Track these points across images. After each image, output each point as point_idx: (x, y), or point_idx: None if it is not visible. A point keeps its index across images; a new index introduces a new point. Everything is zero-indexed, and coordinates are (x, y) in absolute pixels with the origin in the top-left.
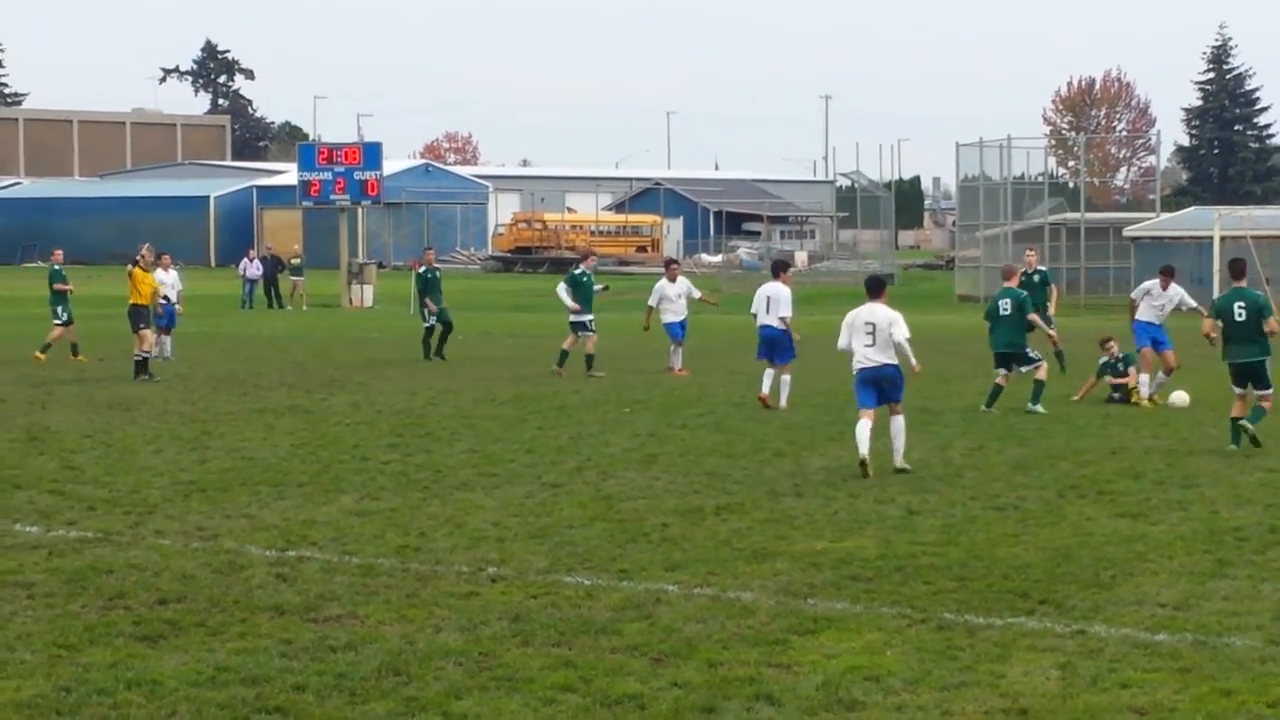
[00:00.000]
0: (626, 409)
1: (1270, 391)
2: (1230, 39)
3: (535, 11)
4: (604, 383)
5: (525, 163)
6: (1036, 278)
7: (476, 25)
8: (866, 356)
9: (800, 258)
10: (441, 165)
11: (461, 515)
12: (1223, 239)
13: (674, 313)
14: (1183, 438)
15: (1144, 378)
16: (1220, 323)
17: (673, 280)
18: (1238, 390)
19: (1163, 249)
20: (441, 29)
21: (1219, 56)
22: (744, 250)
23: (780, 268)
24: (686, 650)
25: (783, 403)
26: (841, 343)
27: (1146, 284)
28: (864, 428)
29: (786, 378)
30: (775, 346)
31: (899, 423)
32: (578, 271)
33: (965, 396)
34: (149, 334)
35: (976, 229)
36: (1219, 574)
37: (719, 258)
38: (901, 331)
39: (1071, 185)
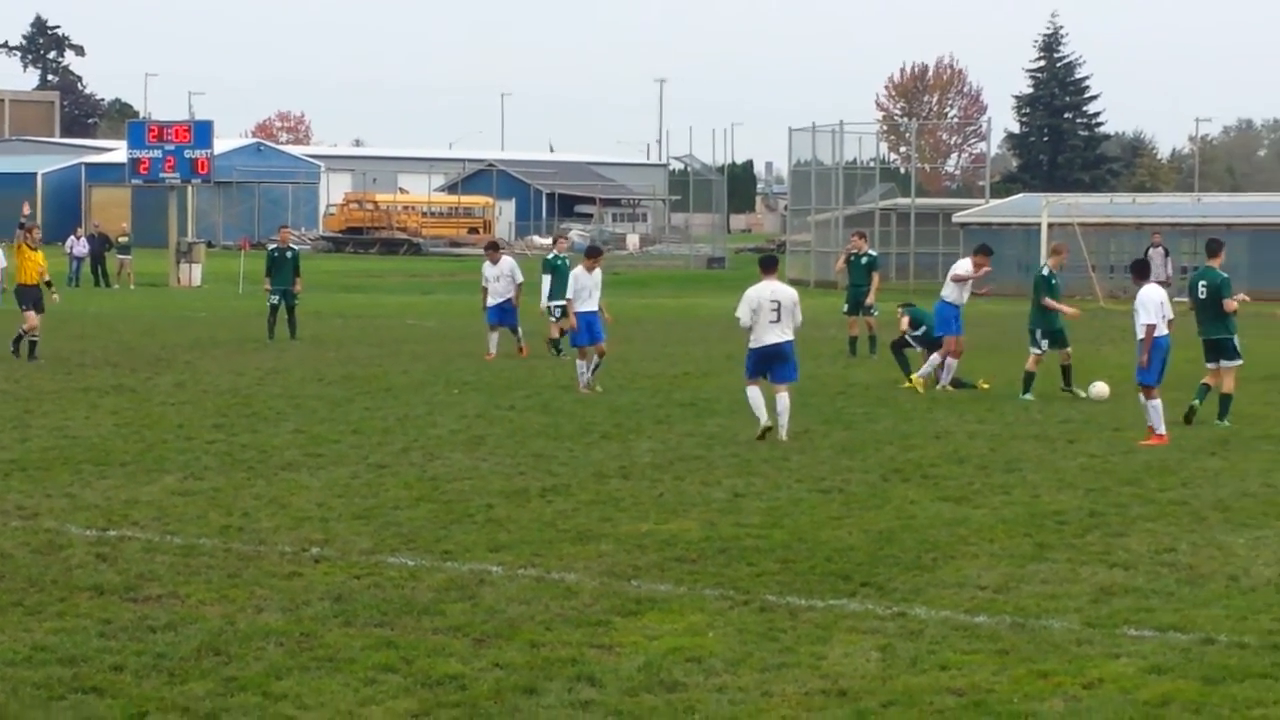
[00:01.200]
0: (454, 390)
1: (1238, 362)
2: (1061, 27)
3: None
4: (429, 364)
5: (358, 143)
6: (864, 260)
7: (311, 4)
8: (770, 334)
9: (632, 240)
10: (273, 144)
11: (286, 495)
12: (1050, 226)
13: (495, 294)
14: (1007, 423)
15: (950, 361)
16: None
17: (494, 263)
18: (1209, 365)
19: (992, 235)
20: (275, 6)
21: (1050, 45)
22: (576, 232)
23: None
24: (509, 631)
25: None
26: (744, 319)
27: (963, 262)
28: (756, 394)
29: (786, 397)
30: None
31: (784, 399)
32: (552, 256)
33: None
34: (33, 315)
35: (808, 213)
36: (1039, 557)
37: (550, 240)
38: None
39: (903, 171)
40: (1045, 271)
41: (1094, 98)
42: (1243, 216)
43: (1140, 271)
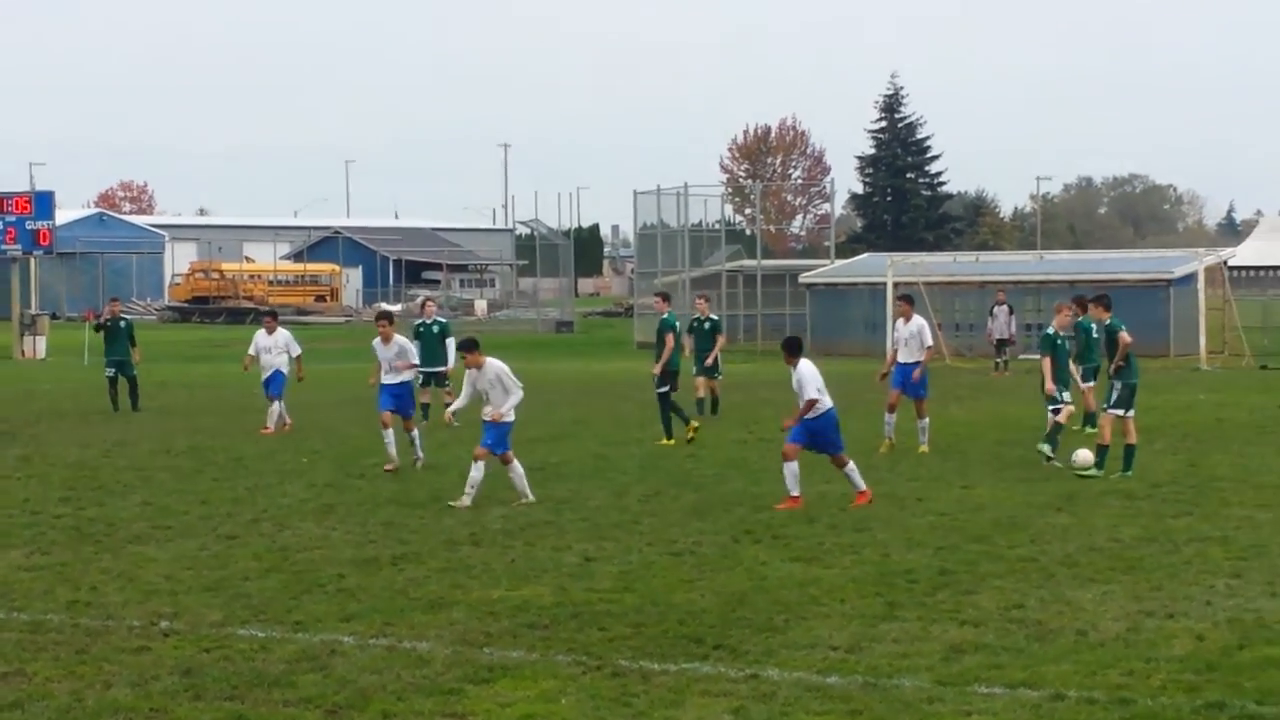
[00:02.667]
0: (304, 459)
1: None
2: (902, 88)
3: (210, 60)
4: (291, 433)
5: (202, 211)
6: (707, 325)
7: (151, 73)
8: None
9: (480, 306)
10: (116, 214)
11: (134, 569)
12: (895, 285)
13: (266, 366)
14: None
15: (889, 419)
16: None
17: (270, 332)
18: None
19: (838, 294)
20: (116, 74)
21: (891, 105)
22: (424, 298)
23: (795, 346)
24: (361, 702)
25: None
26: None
27: (897, 323)
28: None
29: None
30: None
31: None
32: (417, 323)
33: (643, 444)
34: None
35: (655, 276)
36: (889, 616)
37: (399, 306)
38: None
39: (748, 233)
40: (1050, 331)
41: (936, 157)
42: (1085, 273)
43: (792, 349)
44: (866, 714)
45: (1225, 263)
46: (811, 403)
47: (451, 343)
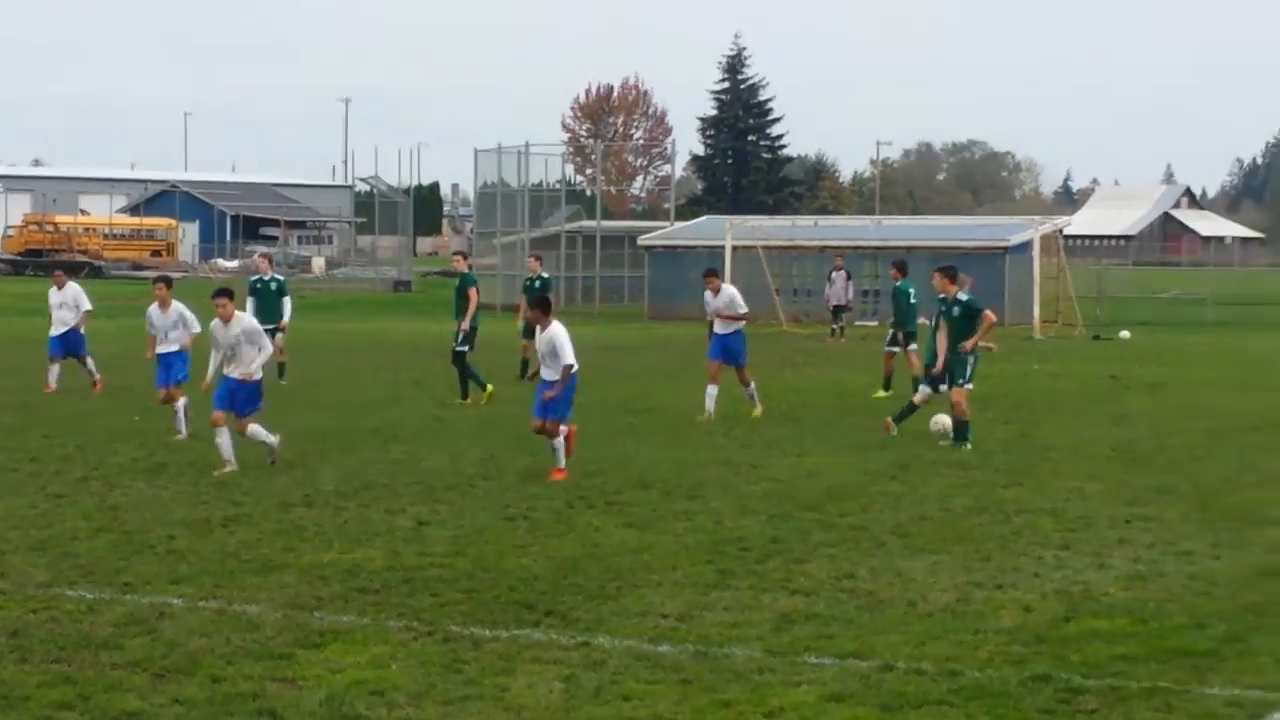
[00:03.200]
0: (136, 417)
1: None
2: (745, 49)
3: (49, 8)
4: (110, 390)
5: (37, 162)
6: (538, 284)
7: None
8: None
9: (317, 264)
10: None
11: None
12: (734, 248)
13: (59, 323)
14: (691, 448)
15: (711, 389)
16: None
17: (60, 288)
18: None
19: (676, 257)
20: None
21: (734, 66)
22: (259, 254)
23: (546, 305)
24: (189, 665)
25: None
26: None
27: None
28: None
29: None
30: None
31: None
32: (255, 279)
33: (479, 405)
34: None
35: (494, 236)
36: (721, 584)
37: (235, 263)
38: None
39: (589, 193)
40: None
41: (777, 120)
42: (922, 239)
43: (545, 308)
44: (697, 683)
45: (1061, 231)
46: (570, 369)
47: (288, 300)
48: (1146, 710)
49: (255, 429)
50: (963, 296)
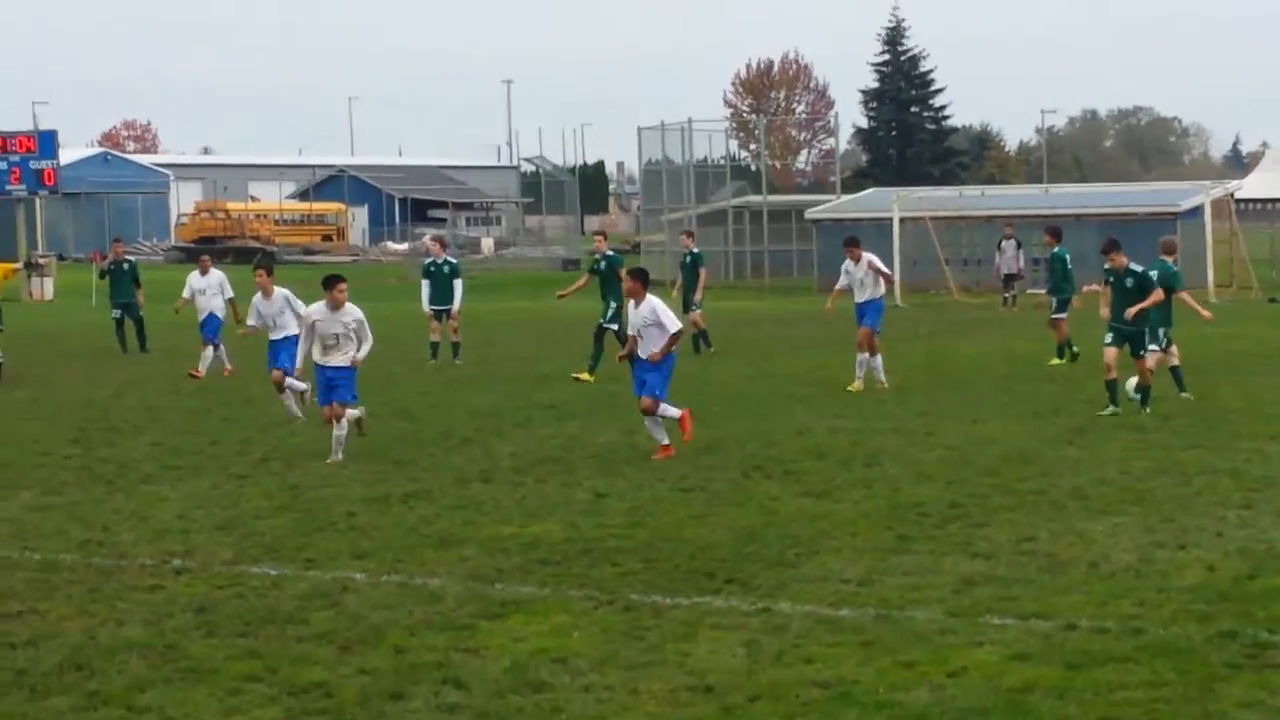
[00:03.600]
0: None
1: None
2: (904, 20)
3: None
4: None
5: (207, 150)
6: (689, 259)
7: (154, 9)
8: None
9: (486, 244)
10: (121, 154)
11: (146, 509)
12: (902, 220)
13: (202, 309)
14: (865, 417)
15: (861, 358)
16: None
17: (204, 273)
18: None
19: (844, 230)
20: (117, 12)
21: (893, 38)
22: (430, 237)
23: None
24: (374, 637)
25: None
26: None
27: (845, 265)
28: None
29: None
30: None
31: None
32: (428, 262)
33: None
34: None
35: (661, 213)
36: (901, 549)
37: (405, 245)
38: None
39: (754, 168)
40: (1175, 267)
41: (939, 91)
42: (1090, 207)
43: (644, 280)
44: (879, 645)
45: (1232, 195)
46: (678, 335)
47: (459, 283)
48: None
49: (350, 413)
50: (1136, 268)
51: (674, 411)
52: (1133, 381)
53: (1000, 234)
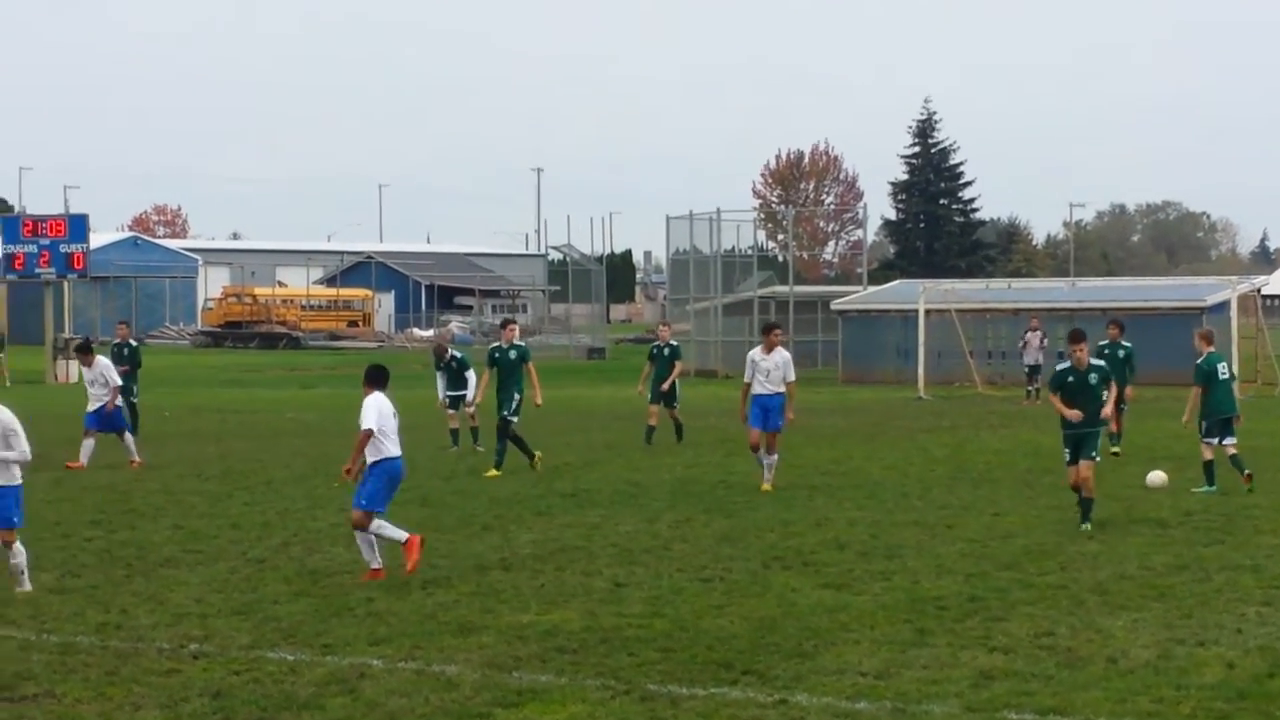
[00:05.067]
0: (335, 484)
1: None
2: (935, 113)
3: (243, 82)
4: (309, 458)
5: (236, 236)
6: (666, 351)
7: (184, 97)
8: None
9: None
10: (150, 238)
11: (164, 592)
12: (928, 312)
13: (94, 399)
14: (887, 509)
15: (768, 460)
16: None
17: (89, 367)
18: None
19: (870, 321)
20: (148, 100)
21: (924, 131)
22: (456, 324)
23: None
24: None
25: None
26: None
27: (752, 354)
28: None
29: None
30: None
31: None
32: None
33: (674, 469)
34: None
35: (687, 302)
36: (919, 642)
37: (431, 332)
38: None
39: (781, 259)
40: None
41: (969, 183)
42: (1117, 301)
43: (373, 379)
44: None
45: (1259, 291)
46: (368, 435)
47: (471, 374)
48: None
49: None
50: (1095, 362)
51: (396, 534)
52: (1155, 477)
53: (1026, 327)
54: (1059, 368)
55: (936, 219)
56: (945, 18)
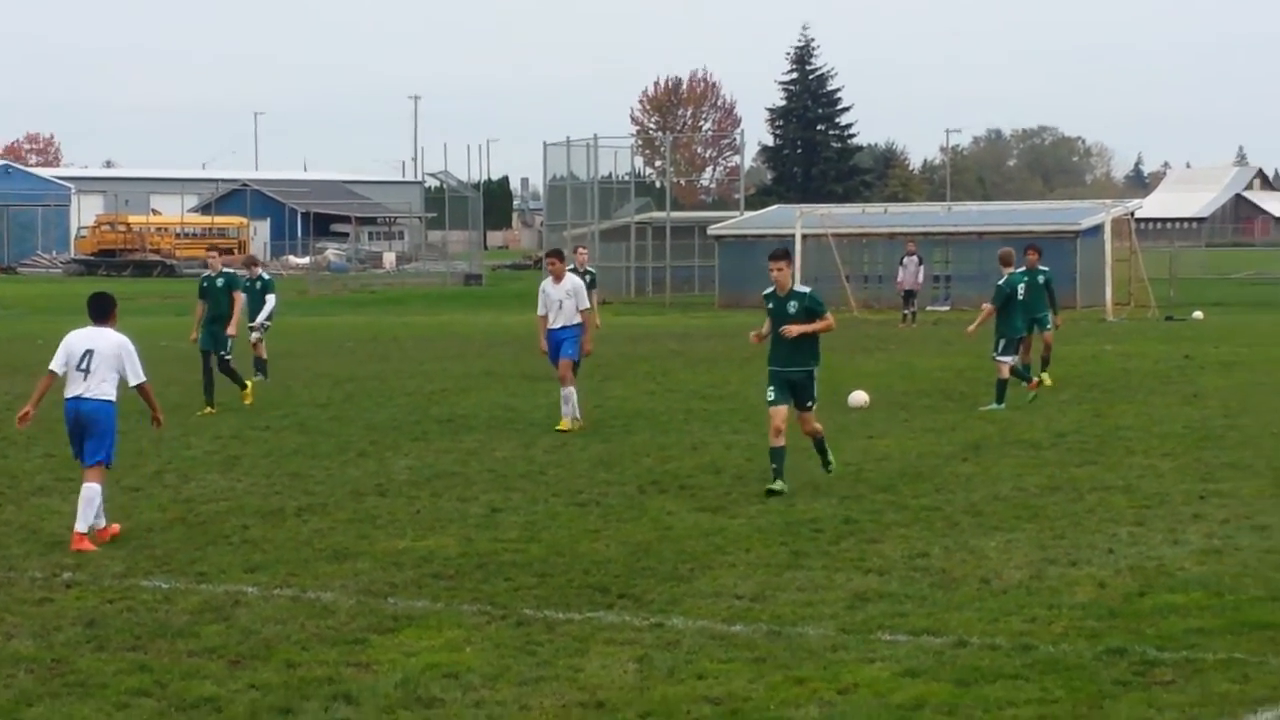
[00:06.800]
0: (209, 410)
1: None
2: (813, 39)
3: (118, 11)
4: (184, 385)
5: (109, 164)
6: (587, 278)
7: (56, 24)
8: None
9: (389, 259)
10: (22, 166)
11: (37, 521)
12: (804, 237)
13: None
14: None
15: (565, 392)
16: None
17: None
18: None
19: (746, 247)
20: (19, 28)
21: (802, 57)
22: (332, 251)
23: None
24: (265, 652)
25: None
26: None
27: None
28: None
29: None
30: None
31: None
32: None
33: (550, 395)
34: None
35: (564, 229)
36: (794, 565)
37: (307, 259)
38: None
39: (659, 185)
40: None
41: (846, 109)
42: (993, 225)
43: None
44: (771, 661)
45: (1132, 214)
46: (48, 378)
47: (272, 298)
48: (1223, 681)
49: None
50: (799, 289)
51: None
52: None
53: (903, 250)
54: (765, 292)
55: (814, 145)
56: None
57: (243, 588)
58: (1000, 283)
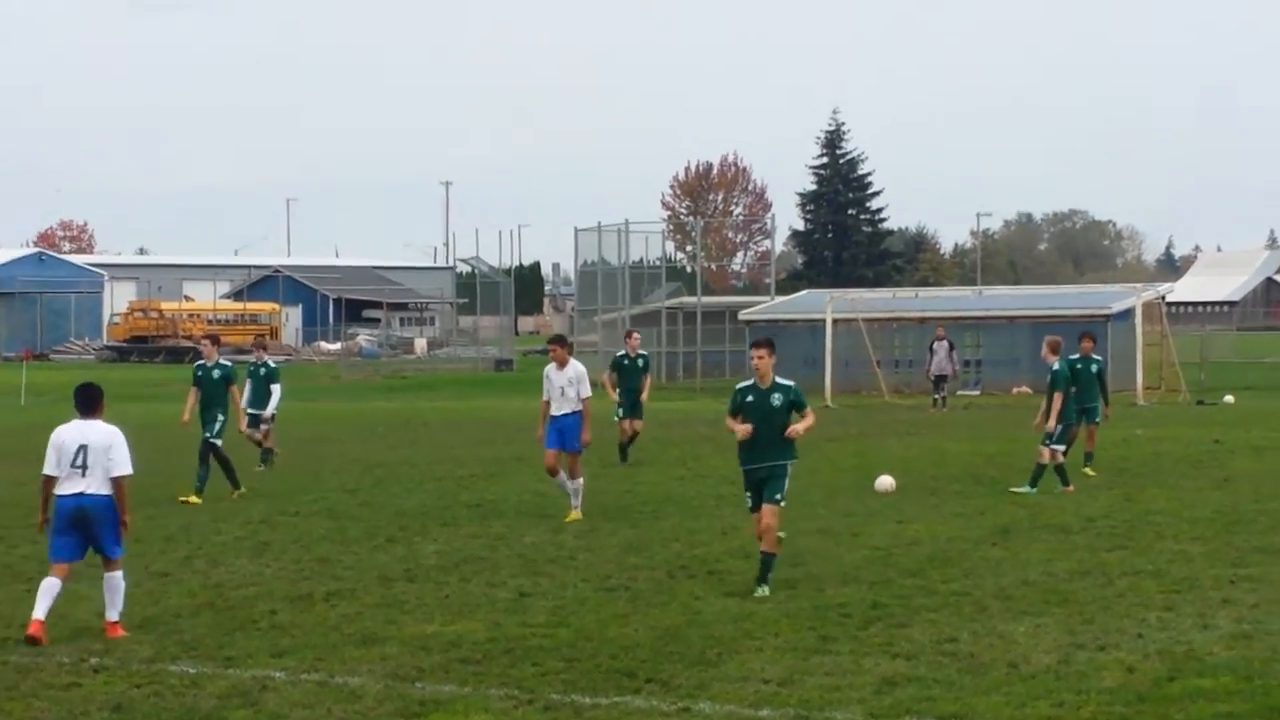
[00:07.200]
0: (238, 496)
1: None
2: (844, 124)
3: (149, 101)
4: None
5: (142, 251)
6: (640, 362)
7: (89, 113)
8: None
9: (420, 344)
10: (55, 254)
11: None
12: (835, 321)
13: None
14: (793, 517)
15: (573, 485)
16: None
17: None
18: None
19: (777, 331)
20: (54, 117)
21: (832, 141)
22: (364, 337)
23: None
24: None
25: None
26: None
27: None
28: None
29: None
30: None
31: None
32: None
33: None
34: None
35: (595, 313)
36: (822, 650)
37: (339, 345)
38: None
39: (689, 270)
40: (1057, 366)
41: (877, 193)
42: (1024, 309)
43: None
44: None
45: (1163, 298)
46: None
47: (277, 388)
48: None
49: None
50: (782, 381)
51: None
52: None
53: (933, 335)
54: (739, 385)
55: (844, 229)
56: (856, 30)
57: (270, 673)
58: (1055, 368)
